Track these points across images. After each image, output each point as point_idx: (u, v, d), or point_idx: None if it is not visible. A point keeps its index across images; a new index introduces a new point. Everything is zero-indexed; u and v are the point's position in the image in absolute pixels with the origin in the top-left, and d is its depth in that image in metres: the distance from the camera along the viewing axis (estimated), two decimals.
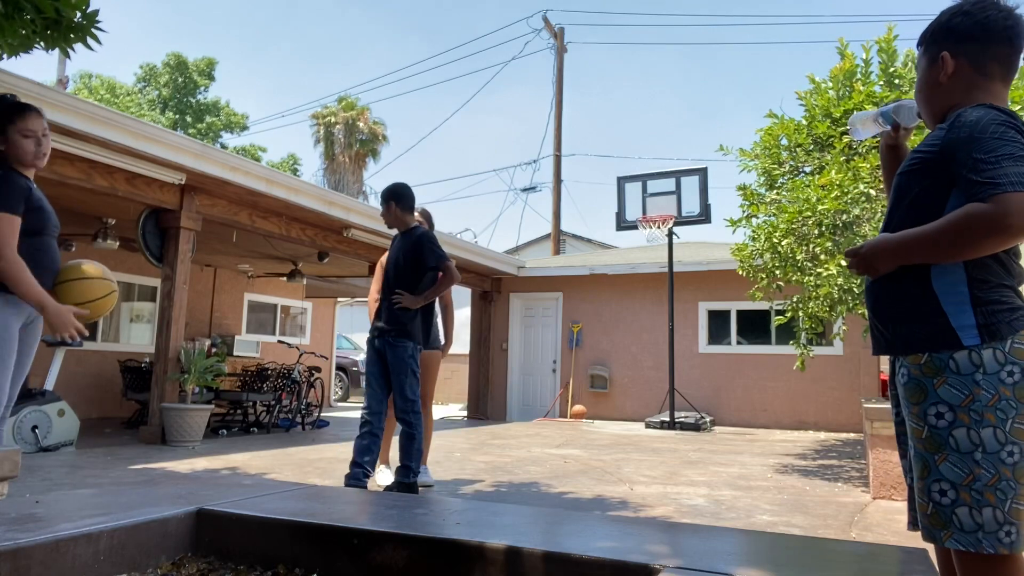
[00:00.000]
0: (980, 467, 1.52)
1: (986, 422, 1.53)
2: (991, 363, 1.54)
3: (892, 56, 6.45)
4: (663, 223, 10.62)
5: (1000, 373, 1.53)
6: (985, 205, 1.47)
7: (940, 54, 1.70)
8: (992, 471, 1.51)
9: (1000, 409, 1.52)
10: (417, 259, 4.16)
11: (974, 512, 1.52)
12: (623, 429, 10.15)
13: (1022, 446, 1.51)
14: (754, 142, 6.60)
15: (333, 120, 27.44)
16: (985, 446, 1.52)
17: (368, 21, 71.46)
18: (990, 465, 1.52)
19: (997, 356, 1.54)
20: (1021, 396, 1.52)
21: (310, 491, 1.43)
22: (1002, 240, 1.49)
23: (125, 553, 1.07)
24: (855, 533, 3.68)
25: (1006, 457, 1.51)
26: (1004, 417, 1.52)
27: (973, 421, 1.54)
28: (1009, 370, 1.53)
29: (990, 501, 1.51)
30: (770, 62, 78.88)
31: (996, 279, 1.59)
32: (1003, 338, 1.55)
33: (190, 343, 7.52)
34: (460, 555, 1.03)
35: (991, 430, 1.52)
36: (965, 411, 1.55)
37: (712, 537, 1.14)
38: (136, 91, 26.67)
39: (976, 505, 1.52)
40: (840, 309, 6.05)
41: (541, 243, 21.45)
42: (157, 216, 6.95)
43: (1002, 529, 1.49)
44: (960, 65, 1.68)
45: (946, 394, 1.57)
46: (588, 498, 4.48)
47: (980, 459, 1.52)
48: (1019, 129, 1.55)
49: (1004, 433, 1.51)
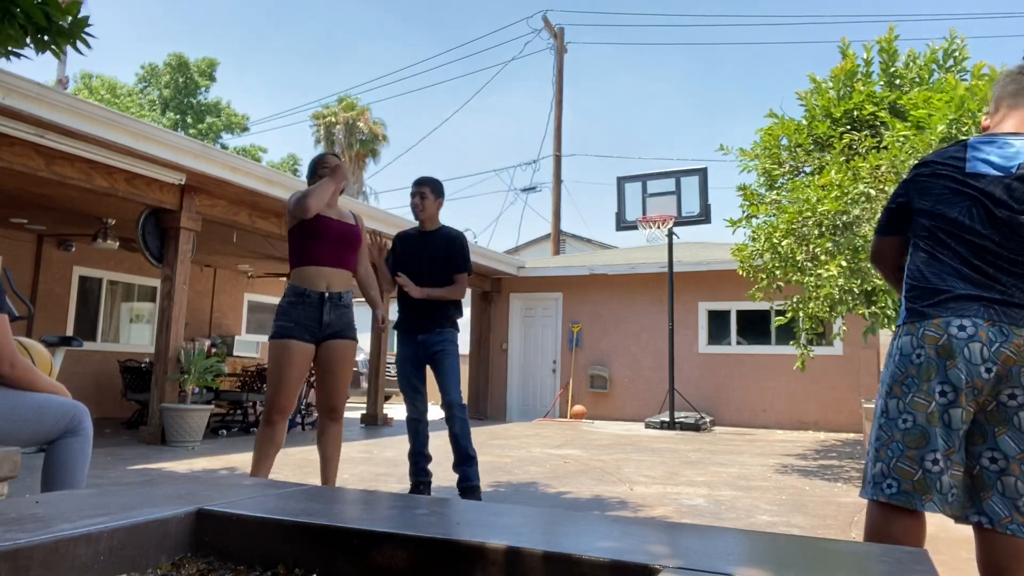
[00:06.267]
0: (882, 430, 1.81)
1: (893, 394, 1.81)
2: (905, 345, 1.81)
3: (893, 56, 6.45)
4: (663, 223, 10.62)
5: (912, 356, 1.79)
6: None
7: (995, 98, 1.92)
8: (888, 433, 1.79)
9: (905, 384, 1.79)
10: (450, 257, 4.09)
11: (871, 466, 1.81)
12: (623, 429, 10.15)
13: (915, 416, 1.76)
14: (754, 142, 6.60)
15: (333, 120, 27.44)
16: (889, 413, 1.81)
17: (368, 21, 71.51)
18: (889, 428, 1.79)
19: (912, 340, 1.80)
20: (921, 375, 1.77)
21: (310, 491, 1.43)
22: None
23: (125, 553, 1.07)
24: (855, 533, 3.68)
25: (901, 423, 1.77)
26: (906, 391, 1.78)
27: (886, 392, 1.83)
28: (918, 353, 1.78)
29: (882, 457, 1.79)
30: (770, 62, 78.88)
31: (929, 268, 1.84)
32: (919, 321, 1.79)
33: (190, 343, 7.52)
34: (460, 555, 1.03)
35: (897, 401, 1.80)
36: (883, 383, 1.86)
37: (712, 537, 1.14)
38: (137, 91, 26.68)
39: (874, 460, 1.80)
40: (840, 309, 6.05)
41: (541, 243, 21.45)
42: (157, 216, 6.95)
43: (885, 481, 1.76)
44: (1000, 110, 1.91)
45: (883, 372, 1.88)
46: (588, 498, 4.48)
47: (883, 423, 1.81)
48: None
49: (904, 403, 1.78)
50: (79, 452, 2.31)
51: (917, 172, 1.93)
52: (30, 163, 5.58)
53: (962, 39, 6.16)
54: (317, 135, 27.87)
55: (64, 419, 2.29)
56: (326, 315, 3.28)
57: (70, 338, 3.51)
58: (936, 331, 1.76)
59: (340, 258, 3.37)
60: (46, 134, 5.46)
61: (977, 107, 5.10)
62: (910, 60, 6.46)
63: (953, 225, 1.81)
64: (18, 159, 5.49)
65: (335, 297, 3.31)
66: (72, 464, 2.28)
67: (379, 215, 9.47)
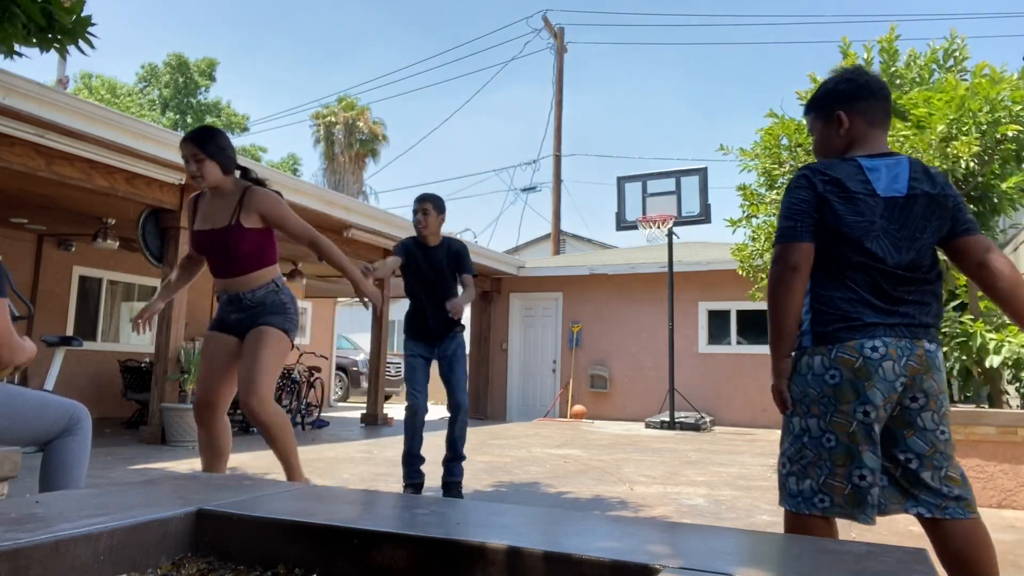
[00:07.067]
0: (807, 448, 1.91)
1: (812, 414, 1.91)
2: (818, 366, 1.90)
3: (894, 56, 6.44)
4: (663, 223, 10.61)
5: (825, 376, 1.88)
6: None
7: (836, 113, 2.02)
8: (814, 452, 1.89)
9: (823, 404, 1.88)
10: (457, 267, 4.34)
11: (800, 482, 1.91)
12: (623, 429, 10.15)
13: (838, 436, 1.86)
14: (754, 142, 6.59)
15: (333, 120, 27.45)
16: (811, 432, 1.91)
17: (368, 21, 71.51)
18: (814, 447, 1.89)
19: (824, 361, 1.89)
20: (839, 396, 1.86)
21: (310, 491, 1.43)
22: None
23: (125, 553, 1.07)
24: (855, 533, 3.68)
25: (825, 443, 1.88)
26: (825, 411, 1.88)
27: (803, 411, 1.92)
28: (832, 373, 1.88)
29: (811, 475, 1.89)
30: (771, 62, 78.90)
31: (835, 292, 1.93)
32: (830, 344, 1.89)
33: (190, 343, 7.51)
34: (460, 555, 1.03)
35: (816, 420, 1.90)
36: (799, 402, 1.94)
37: (712, 537, 1.14)
38: (137, 91, 26.68)
39: (800, 476, 1.91)
40: None
41: (541, 243, 21.44)
42: (157, 216, 6.95)
43: (816, 496, 1.87)
44: (854, 120, 2.01)
45: (793, 387, 1.96)
46: (588, 498, 4.48)
47: (807, 442, 1.91)
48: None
49: (825, 423, 1.88)
50: (78, 452, 2.31)
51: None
52: (30, 163, 5.58)
53: (962, 39, 6.15)
54: (317, 135, 27.87)
55: (64, 418, 2.29)
56: (233, 316, 3.16)
57: (70, 338, 3.51)
58: (852, 353, 1.86)
59: (221, 268, 3.13)
60: (46, 134, 5.46)
61: (978, 107, 5.10)
62: (911, 60, 6.45)
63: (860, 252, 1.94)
64: (18, 159, 5.49)
65: (235, 300, 3.14)
66: (70, 463, 2.28)
67: (379, 215, 9.47)
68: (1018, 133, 5.16)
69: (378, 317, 10.21)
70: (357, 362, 15.75)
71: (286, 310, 3.18)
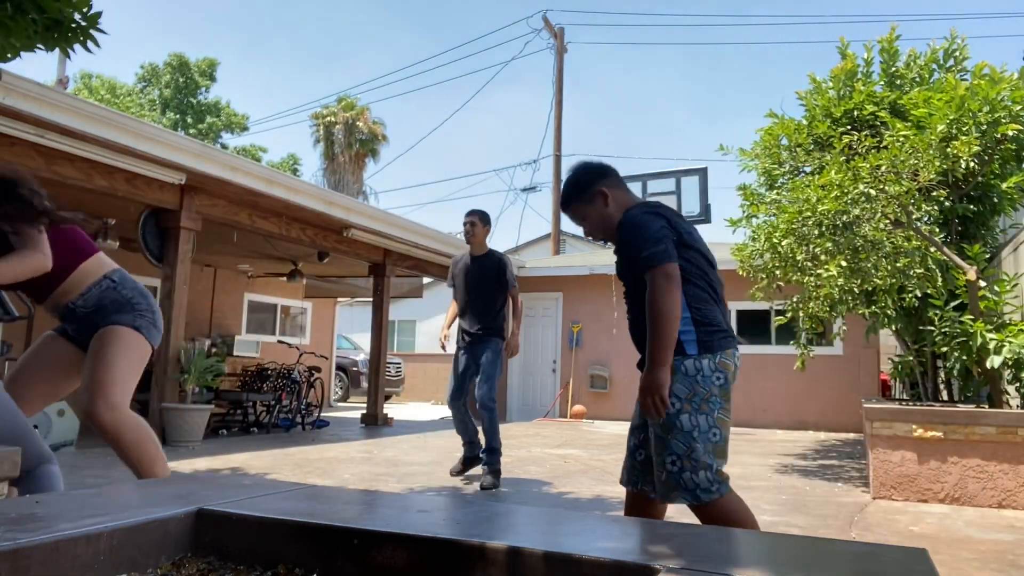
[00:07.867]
0: (697, 443, 2.11)
1: (701, 411, 2.13)
2: (707, 369, 2.16)
3: (894, 56, 6.45)
4: None
5: (712, 377, 2.15)
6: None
7: (597, 192, 2.42)
8: (703, 446, 2.10)
9: (710, 402, 2.14)
10: (499, 277, 4.99)
11: (694, 475, 2.10)
12: (623, 429, 10.14)
13: (723, 431, 2.15)
14: (754, 142, 6.59)
15: (333, 120, 27.44)
16: (700, 428, 2.12)
17: (368, 21, 71.49)
18: (704, 441, 2.11)
19: (710, 364, 2.16)
20: (724, 396, 2.16)
21: (310, 491, 1.43)
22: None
23: (125, 553, 1.07)
24: (855, 533, 3.68)
25: (712, 437, 2.12)
26: (712, 408, 2.14)
27: (693, 409, 2.13)
28: (718, 375, 2.16)
29: (704, 466, 2.10)
30: (770, 62, 78.90)
31: (708, 306, 2.25)
32: (714, 352, 2.17)
33: (190, 343, 7.51)
34: (460, 555, 1.03)
35: (704, 416, 2.13)
36: (688, 402, 2.13)
37: (712, 537, 1.14)
38: (137, 91, 26.68)
39: (694, 470, 2.10)
40: (840, 309, 6.05)
41: (541, 243, 21.44)
42: (157, 216, 6.95)
43: (712, 485, 2.10)
44: (612, 194, 2.43)
45: (677, 389, 2.14)
46: (588, 498, 4.48)
47: (697, 437, 2.11)
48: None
49: (712, 419, 2.13)
50: (57, 481, 2.21)
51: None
52: (30, 163, 5.58)
53: (962, 39, 6.16)
54: (317, 135, 27.86)
55: (44, 451, 2.22)
56: (72, 328, 2.75)
57: None
58: (729, 359, 2.21)
59: (37, 291, 2.74)
60: (46, 134, 5.45)
61: (978, 107, 5.10)
62: (911, 60, 6.46)
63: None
64: (18, 159, 5.49)
65: (69, 314, 2.72)
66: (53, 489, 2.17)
67: (379, 215, 9.47)
68: (1018, 133, 5.16)
69: (378, 317, 10.22)
70: (357, 362, 15.75)
71: (134, 306, 2.76)
